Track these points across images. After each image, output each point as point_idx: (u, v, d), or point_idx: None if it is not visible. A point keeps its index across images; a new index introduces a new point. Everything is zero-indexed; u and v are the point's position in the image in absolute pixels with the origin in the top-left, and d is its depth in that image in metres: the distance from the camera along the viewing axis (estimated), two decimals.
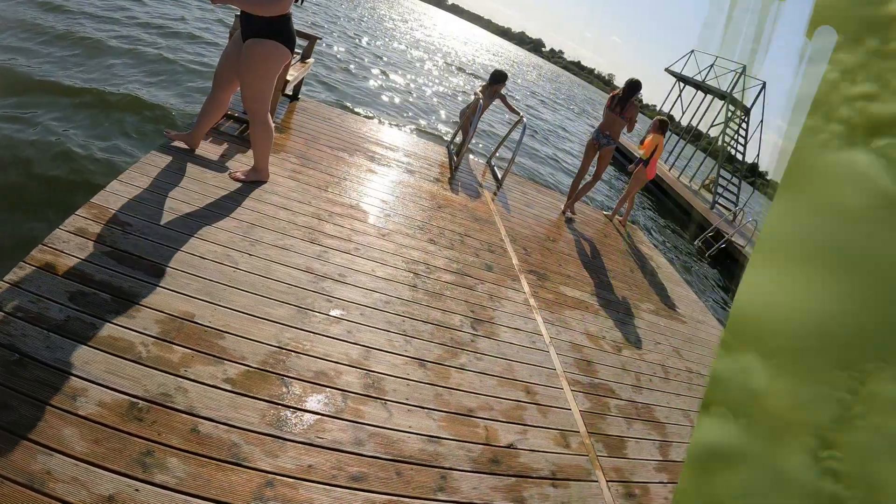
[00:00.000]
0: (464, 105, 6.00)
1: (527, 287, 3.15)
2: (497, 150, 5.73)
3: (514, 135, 5.40)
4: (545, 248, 3.99)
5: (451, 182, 4.40)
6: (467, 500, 1.57)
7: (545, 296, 3.16)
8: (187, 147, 2.78)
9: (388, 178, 3.78)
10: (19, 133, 3.63)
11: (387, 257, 2.69)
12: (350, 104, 8.00)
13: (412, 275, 2.64)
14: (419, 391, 1.90)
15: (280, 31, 2.46)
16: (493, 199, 4.49)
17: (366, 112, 8.04)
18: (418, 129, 8.48)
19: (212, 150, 2.92)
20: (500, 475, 1.73)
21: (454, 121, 9.92)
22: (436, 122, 9.59)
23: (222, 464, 1.32)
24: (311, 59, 4.48)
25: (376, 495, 1.45)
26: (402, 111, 9.36)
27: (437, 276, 2.75)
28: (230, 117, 3.43)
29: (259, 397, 1.56)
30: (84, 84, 4.69)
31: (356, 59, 11.88)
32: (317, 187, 3.09)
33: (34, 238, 2.35)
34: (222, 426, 1.42)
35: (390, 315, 2.24)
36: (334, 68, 9.91)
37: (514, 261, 3.44)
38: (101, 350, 1.47)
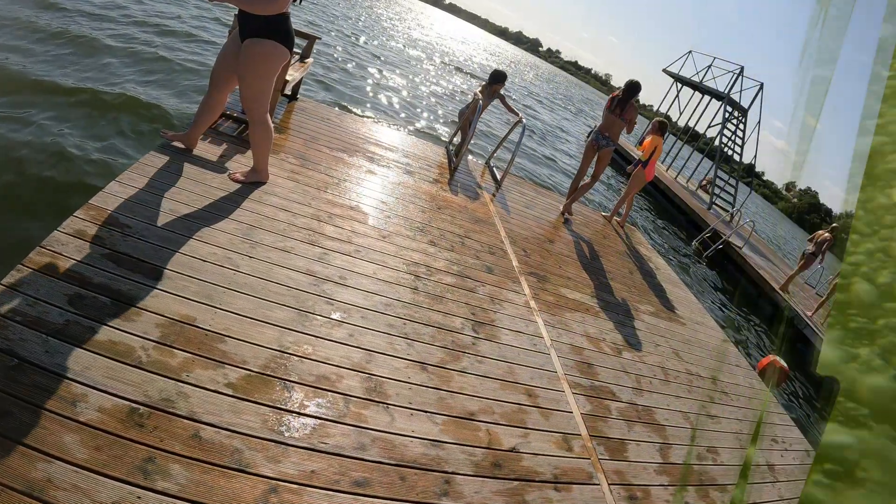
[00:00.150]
0: (462, 105, 5.98)
1: (527, 289, 3.14)
2: (496, 150, 5.72)
3: (513, 136, 5.40)
4: (545, 250, 3.99)
5: (451, 183, 4.39)
6: None
7: (545, 298, 3.16)
8: (185, 147, 2.76)
9: (388, 179, 3.77)
10: (13, 133, 3.59)
11: (387, 259, 2.68)
12: (347, 104, 7.98)
13: (413, 277, 2.63)
14: (421, 395, 1.89)
15: (279, 30, 2.44)
16: (492, 200, 4.48)
17: (363, 112, 8.02)
18: (416, 130, 8.46)
19: (211, 151, 2.89)
20: (503, 479, 1.72)
21: (452, 120, 9.90)
22: (433, 122, 9.57)
23: (225, 470, 1.31)
24: (310, 59, 4.46)
25: (380, 501, 1.44)
26: (400, 111, 9.34)
27: (438, 279, 2.74)
28: (229, 117, 3.41)
29: (261, 402, 1.55)
30: (79, 83, 4.64)
31: (353, 59, 11.84)
32: (316, 188, 3.07)
33: (29, 238, 2.33)
34: (224, 432, 1.41)
35: (391, 318, 2.23)
36: (332, 68, 9.87)
37: (515, 263, 3.43)
38: (101, 355, 1.46)
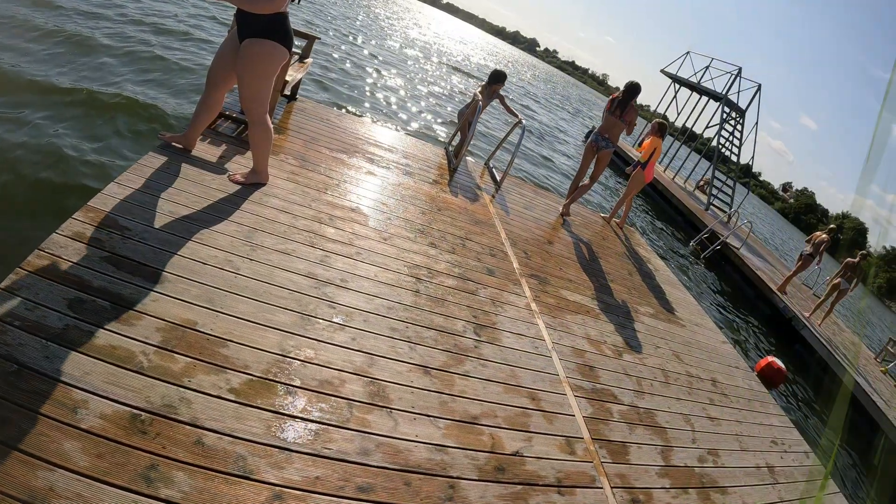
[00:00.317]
0: (461, 105, 5.97)
1: (528, 291, 3.14)
2: (495, 152, 5.72)
3: (512, 137, 5.39)
4: (545, 251, 3.98)
5: (450, 184, 4.38)
6: None
7: (546, 300, 3.15)
8: (184, 148, 2.73)
9: (388, 181, 3.75)
10: (9, 133, 3.55)
11: (388, 262, 2.66)
12: (345, 104, 7.95)
13: (414, 279, 2.62)
14: (424, 399, 1.88)
15: (278, 30, 2.42)
16: (492, 202, 4.47)
17: (361, 112, 7.99)
18: (415, 130, 8.45)
19: (210, 152, 2.87)
20: (507, 483, 1.71)
21: (451, 121, 9.88)
22: (432, 123, 9.56)
23: (229, 477, 1.29)
24: (309, 59, 4.43)
25: None
26: (398, 111, 9.32)
27: (440, 281, 2.72)
28: (228, 118, 3.38)
29: (263, 407, 1.53)
30: (75, 83, 4.60)
31: (351, 58, 11.81)
32: (316, 190, 3.05)
33: (26, 240, 2.30)
34: (227, 438, 1.39)
35: (393, 321, 2.22)
36: (329, 67, 9.84)
37: (515, 264, 3.43)
38: (102, 360, 1.44)
